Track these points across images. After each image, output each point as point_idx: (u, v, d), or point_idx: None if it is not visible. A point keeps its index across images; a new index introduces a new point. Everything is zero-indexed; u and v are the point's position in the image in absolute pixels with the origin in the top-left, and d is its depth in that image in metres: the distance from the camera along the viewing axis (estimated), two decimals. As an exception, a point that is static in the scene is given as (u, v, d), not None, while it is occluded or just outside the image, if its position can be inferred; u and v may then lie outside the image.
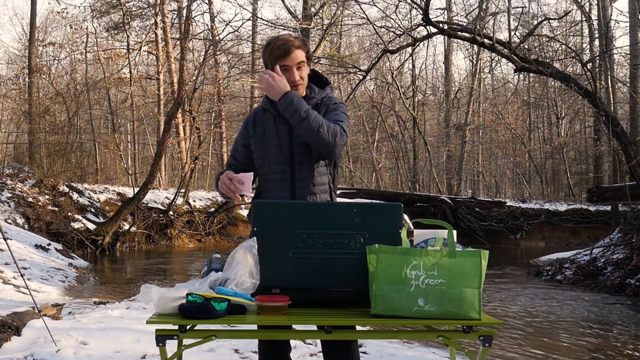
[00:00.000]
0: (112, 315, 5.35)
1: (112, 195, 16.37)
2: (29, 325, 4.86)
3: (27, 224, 12.61)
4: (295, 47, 2.38)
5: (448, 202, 16.56)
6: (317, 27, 17.33)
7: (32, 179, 14.77)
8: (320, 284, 2.06)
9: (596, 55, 16.42)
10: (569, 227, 17.68)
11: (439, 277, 1.89)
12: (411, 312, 1.87)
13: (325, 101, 2.49)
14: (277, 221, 2.07)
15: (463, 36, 10.68)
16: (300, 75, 2.41)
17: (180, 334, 1.85)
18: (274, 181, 2.43)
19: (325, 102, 2.48)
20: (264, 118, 2.51)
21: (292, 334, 2.08)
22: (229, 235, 16.91)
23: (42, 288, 7.48)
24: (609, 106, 12.98)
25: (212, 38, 19.63)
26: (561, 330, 6.07)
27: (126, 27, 19.80)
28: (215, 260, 2.18)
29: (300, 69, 2.41)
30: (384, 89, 24.60)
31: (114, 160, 21.22)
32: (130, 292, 8.03)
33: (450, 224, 2.03)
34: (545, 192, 25.20)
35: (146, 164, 22.92)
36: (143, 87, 23.40)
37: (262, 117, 2.52)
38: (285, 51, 2.37)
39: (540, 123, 28.41)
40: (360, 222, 2.07)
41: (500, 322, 1.97)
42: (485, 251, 1.92)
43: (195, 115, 17.63)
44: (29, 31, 20.29)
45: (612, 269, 8.91)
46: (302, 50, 2.41)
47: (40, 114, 18.75)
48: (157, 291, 1.87)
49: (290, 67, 2.39)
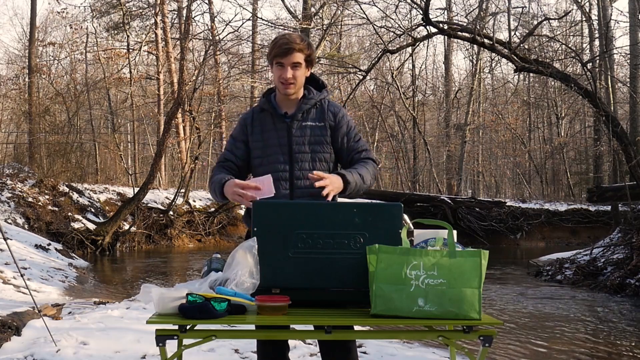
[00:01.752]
0: (112, 315, 5.35)
1: (112, 195, 16.36)
2: (29, 325, 4.86)
3: (27, 224, 12.61)
4: (296, 50, 2.42)
5: (448, 202, 16.56)
6: (317, 27, 17.32)
7: (32, 179, 14.77)
8: (320, 284, 2.06)
9: (596, 55, 16.42)
10: (569, 227, 17.68)
11: (439, 277, 1.89)
12: (411, 312, 1.87)
13: (327, 106, 2.53)
14: (277, 221, 2.07)
15: (463, 36, 10.68)
16: (294, 74, 2.44)
17: (180, 334, 1.85)
18: (274, 181, 2.44)
19: (329, 109, 2.52)
20: (262, 117, 2.54)
21: (292, 334, 2.08)
22: (229, 235, 16.91)
23: (42, 288, 7.47)
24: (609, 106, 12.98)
25: (212, 38, 19.63)
26: (561, 330, 6.06)
27: (126, 27, 19.80)
28: (215, 260, 2.19)
29: (295, 68, 2.44)
30: (384, 89, 24.60)
31: (114, 160, 21.21)
32: (130, 292, 8.03)
33: (450, 224, 2.03)
34: (545, 192, 25.20)
35: (146, 164, 22.92)
36: (143, 87, 23.39)
37: (260, 117, 2.55)
38: (285, 51, 2.42)
39: (540, 123, 28.42)
40: (360, 222, 2.07)
41: (500, 322, 1.97)
42: (485, 251, 1.92)
43: (195, 115, 17.63)
44: (29, 31, 20.29)
45: (612, 269, 8.90)
46: (301, 53, 2.44)
47: (40, 114, 18.75)
48: (157, 291, 1.87)
49: (285, 64, 2.43)
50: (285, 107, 2.53)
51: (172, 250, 14.76)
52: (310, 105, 2.50)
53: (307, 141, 2.47)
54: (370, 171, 2.46)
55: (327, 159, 2.49)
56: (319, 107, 2.52)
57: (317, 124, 2.49)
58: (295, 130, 2.48)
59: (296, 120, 2.48)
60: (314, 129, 2.48)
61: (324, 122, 2.49)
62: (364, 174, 2.42)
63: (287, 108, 2.52)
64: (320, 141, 2.47)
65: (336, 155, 2.53)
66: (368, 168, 2.45)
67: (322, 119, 2.50)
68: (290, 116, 2.50)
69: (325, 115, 2.50)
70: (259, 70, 20.89)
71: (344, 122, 2.52)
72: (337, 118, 2.51)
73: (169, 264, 12.48)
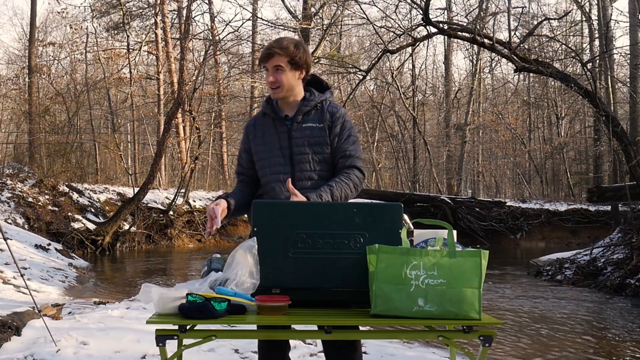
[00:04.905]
0: (112, 315, 5.35)
1: (112, 195, 16.36)
2: (29, 325, 4.86)
3: (27, 224, 12.61)
4: (277, 53, 2.43)
5: (448, 202, 16.56)
6: (317, 27, 17.32)
7: (32, 179, 14.76)
8: (320, 284, 2.06)
9: (596, 55, 16.43)
10: (569, 227, 17.69)
11: (439, 277, 1.89)
12: (411, 312, 1.87)
13: (327, 107, 2.52)
14: (277, 221, 2.07)
15: (463, 36, 10.68)
16: (277, 78, 2.44)
17: (180, 334, 1.85)
18: (275, 182, 2.46)
19: (328, 109, 2.51)
20: (263, 122, 2.56)
21: (292, 334, 2.08)
22: (229, 235, 16.91)
23: (42, 288, 7.47)
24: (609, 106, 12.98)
25: (212, 38, 19.64)
26: (561, 330, 6.07)
27: (126, 27, 19.78)
28: (215, 260, 2.18)
29: (277, 72, 2.45)
30: (384, 89, 24.60)
31: (114, 160, 21.20)
32: (130, 292, 8.02)
33: (450, 224, 2.03)
34: (545, 192, 25.20)
35: (146, 164, 22.91)
36: (143, 87, 23.39)
37: (262, 121, 2.57)
38: (265, 56, 2.46)
39: (540, 123, 28.41)
40: (361, 222, 2.07)
41: (501, 322, 1.97)
42: (485, 251, 1.92)
43: (195, 115, 17.62)
44: (29, 31, 20.29)
45: (612, 269, 8.90)
46: (283, 56, 2.43)
47: (40, 114, 18.75)
48: (157, 291, 1.87)
49: (268, 69, 2.47)
50: (286, 109, 2.53)
51: (172, 251, 14.76)
52: (310, 107, 2.50)
53: (307, 142, 2.46)
54: (351, 185, 2.41)
55: (328, 159, 2.48)
56: (319, 109, 2.52)
57: (317, 125, 2.48)
58: (295, 132, 2.47)
59: (296, 123, 2.48)
60: (313, 130, 2.47)
61: (323, 123, 2.49)
62: (337, 193, 2.35)
63: (288, 111, 2.52)
64: (320, 142, 2.47)
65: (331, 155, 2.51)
66: (347, 182, 2.40)
67: (321, 120, 2.49)
68: (290, 119, 2.50)
69: (325, 116, 2.50)
70: (259, 70, 20.87)
71: (339, 122, 2.50)
72: (334, 118, 2.50)
73: (169, 264, 12.48)
